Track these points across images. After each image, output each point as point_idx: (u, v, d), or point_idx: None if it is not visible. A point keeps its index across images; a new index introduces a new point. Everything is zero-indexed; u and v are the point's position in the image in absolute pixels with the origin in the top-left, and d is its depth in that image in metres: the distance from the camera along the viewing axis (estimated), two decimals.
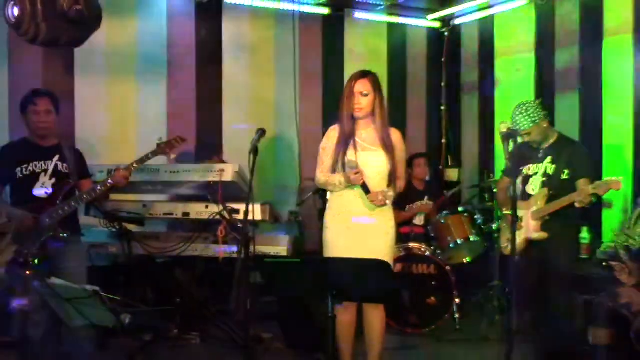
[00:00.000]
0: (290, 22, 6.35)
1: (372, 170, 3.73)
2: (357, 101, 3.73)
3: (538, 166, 4.15)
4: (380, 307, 3.79)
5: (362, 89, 3.72)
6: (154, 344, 4.70)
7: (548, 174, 4.08)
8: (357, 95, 3.72)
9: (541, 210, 4.02)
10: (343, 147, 3.76)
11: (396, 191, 3.82)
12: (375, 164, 3.75)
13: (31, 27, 3.77)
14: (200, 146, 5.90)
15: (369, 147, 3.78)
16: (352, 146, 3.74)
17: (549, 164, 4.09)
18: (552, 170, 4.07)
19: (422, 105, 7.23)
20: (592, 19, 5.59)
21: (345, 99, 3.77)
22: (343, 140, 3.76)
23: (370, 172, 3.72)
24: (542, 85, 6.09)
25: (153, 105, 5.88)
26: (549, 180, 4.07)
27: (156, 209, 4.67)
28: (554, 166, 4.07)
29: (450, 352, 4.89)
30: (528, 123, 4.02)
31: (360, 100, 3.73)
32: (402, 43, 7.09)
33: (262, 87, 6.38)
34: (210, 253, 4.60)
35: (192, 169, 4.59)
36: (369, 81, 3.73)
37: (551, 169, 4.08)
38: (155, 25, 5.88)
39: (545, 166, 4.10)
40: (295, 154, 6.47)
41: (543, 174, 4.10)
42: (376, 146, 3.78)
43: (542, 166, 4.11)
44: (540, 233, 4.01)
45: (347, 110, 3.77)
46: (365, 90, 3.72)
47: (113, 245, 4.74)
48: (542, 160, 4.13)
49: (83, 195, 3.95)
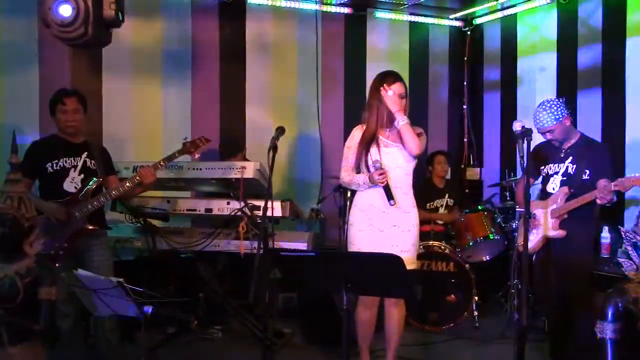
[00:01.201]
0: (313, 21, 6.43)
1: (395, 166, 3.79)
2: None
3: (559, 166, 4.14)
4: (400, 303, 3.85)
5: (402, 91, 3.80)
6: (176, 337, 4.82)
7: (569, 173, 4.08)
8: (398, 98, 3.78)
9: (561, 208, 4.02)
10: (366, 145, 3.80)
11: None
12: (397, 159, 3.79)
13: (80, 28, 3.87)
14: (224, 144, 5.99)
15: (390, 144, 3.82)
16: (376, 144, 3.78)
17: (569, 163, 4.09)
18: (572, 169, 4.07)
19: (444, 104, 7.26)
20: (615, 17, 5.57)
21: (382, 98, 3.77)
22: (367, 139, 3.80)
23: (392, 167, 3.78)
24: (564, 84, 6.08)
25: (177, 103, 6.00)
26: (569, 179, 4.06)
27: (180, 205, 4.77)
28: (574, 166, 4.06)
29: (468, 350, 4.92)
30: (552, 120, 4.00)
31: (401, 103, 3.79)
32: (424, 42, 7.12)
33: (285, 85, 6.47)
34: (231, 248, 4.68)
35: (214, 167, 4.67)
36: (402, 84, 3.81)
37: (572, 168, 4.07)
38: (180, 24, 6.00)
39: (566, 166, 4.10)
40: (317, 152, 6.54)
41: (563, 173, 4.10)
42: (398, 142, 3.82)
43: (563, 166, 4.11)
44: (559, 231, 4.02)
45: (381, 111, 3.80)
46: (403, 92, 3.80)
47: (138, 240, 4.84)
48: (563, 160, 4.12)
49: (112, 191, 4.06)
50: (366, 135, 3.83)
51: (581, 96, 5.84)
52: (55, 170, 4.04)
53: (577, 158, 4.07)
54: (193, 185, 5.10)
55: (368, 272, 2.52)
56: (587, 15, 5.86)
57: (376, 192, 3.80)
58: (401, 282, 2.49)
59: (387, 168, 3.74)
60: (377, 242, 3.75)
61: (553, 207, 4.06)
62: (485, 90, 7.13)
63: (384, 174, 3.67)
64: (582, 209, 3.95)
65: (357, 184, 3.84)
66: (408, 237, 3.82)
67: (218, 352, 4.80)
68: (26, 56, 5.35)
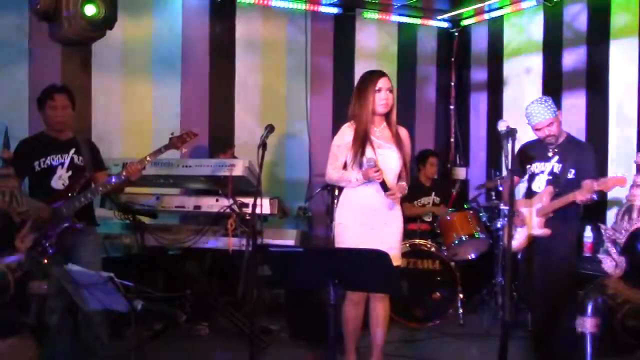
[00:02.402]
0: (302, 21, 6.48)
1: (388, 168, 3.80)
2: (385, 96, 3.79)
3: (545, 165, 4.19)
4: (385, 299, 3.90)
5: (388, 85, 3.82)
6: (164, 333, 4.85)
7: (554, 172, 4.13)
8: (385, 90, 3.79)
9: (546, 207, 4.07)
10: (360, 144, 3.78)
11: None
12: (390, 162, 3.82)
13: None
14: (213, 141, 6.03)
15: (384, 145, 3.84)
16: (370, 144, 3.78)
17: (555, 162, 4.14)
18: (558, 169, 4.12)
19: (431, 105, 7.33)
20: (599, 20, 5.67)
21: (368, 95, 3.78)
22: (360, 138, 3.79)
23: (385, 169, 3.76)
24: (549, 85, 6.17)
25: (167, 100, 6.01)
26: (555, 178, 4.11)
27: (168, 202, 4.80)
28: (560, 165, 4.11)
29: (453, 346, 4.98)
30: (551, 113, 4.04)
31: (388, 95, 3.80)
32: (412, 43, 7.19)
33: (274, 84, 6.51)
34: (220, 245, 4.72)
35: (203, 164, 4.71)
36: (389, 80, 3.84)
37: (557, 167, 4.12)
38: (171, 22, 6.02)
39: (552, 165, 4.15)
40: (306, 151, 6.59)
41: (549, 172, 4.15)
42: (390, 144, 3.85)
43: (549, 165, 4.16)
44: (544, 229, 4.07)
45: (370, 106, 3.79)
46: (390, 86, 3.83)
47: (127, 236, 4.87)
48: (549, 159, 4.17)
49: (99, 187, 4.08)
50: (359, 133, 3.81)
51: (566, 97, 5.94)
52: (43, 168, 4.05)
53: (563, 157, 4.11)
54: (182, 183, 5.13)
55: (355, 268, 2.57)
56: (572, 18, 5.96)
57: (365, 191, 3.82)
58: (388, 278, 2.55)
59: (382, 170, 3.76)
60: (367, 240, 3.72)
61: (538, 205, 4.10)
62: (472, 91, 7.22)
63: (379, 171, 3.68)
64: (567, 209, 4.01)
65: (348, 180, 3.83)
66: (396, 235, 3.88)
67: (205, 349, 4.84)
68: (16, 53, 5.35)
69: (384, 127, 3.90)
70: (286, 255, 2.61)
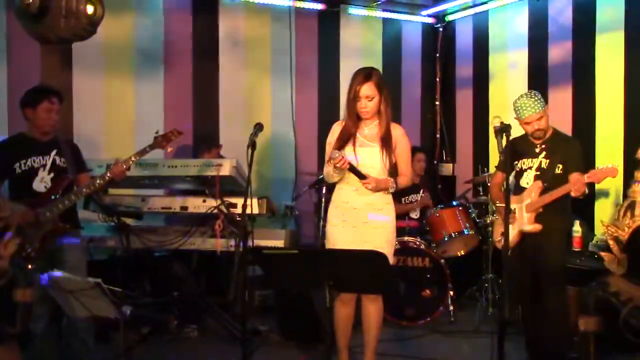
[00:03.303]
0: (286, 17, 6.41)
1: (369, 166, 3.77)
2: (364, 105, 3.76)
3: (533, 160, 4.15)
4: (378, 299, 3.85)
5: (368, 93, 3.74)
6: (152, 337, 4.76)
7: (542, 167, 4.09)
8: (363, 99, 3.75)
9: (535, 202, 4.04)
10: (342, 142, 3.79)
11: (399, 187, 3.85)
12: (370, 159, 3.78)
13: None
14: (197, 140, 5.93)
15: (367, 143, 3.82)
16: (352, 142, 3.78)
17: (543, 158, 4.10)
18: (545, 164, 4.09)
19: (416, 101, 7.30)
20: (585, 15, 5.66)
21: (351, 100, 3.78)
22: (344, 136, 3.79)
23: (366, 168, 3.75)
24: (535, 80, 6.16)
25: (150, 100, 5.91)
26: (543, 174, 4.09)
27: (154, 203, 4.71)
28: (547, 161, 4.08)
29: (445, 344, 4.95)
30: (541, 106, 3.99)
31: (367, 104, 3.76)
32: (397, 38, 7.15)
33: (258, 82, 6.43)
34: (208, 246, 4.65)
35: (190, 164, 4.62)
36: (374, 84, 3.74)
37: (545, 163, 4.09)
38: (152, 20, 5.92)
39: (539, 160, 4.11)
40: (291, 148, 6.53)
41: (537, 167, 4.11)
42: (374, 142, 3.82)
43: (537, 160, 4.12)
44: (534, 225, 4.03)
45: (352, 111, 3.79)
46: (371, 93, 3.74)
47: (111, 238, 4.77)
48: (537, 155, 4.13)
49: (82, 189, 3.98)
50: (343, 133, 3.84)
51: (552, 92, 5.92)
52: (24, 170, 3.95)
53: (550, 152, 4.08)
54: (167, 183, 5.03)
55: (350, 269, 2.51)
56: (557, 13, 5.95)
57: (348, 190, 3.82)
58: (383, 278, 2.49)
59: (362, 167, 3.73)
60: (351, 238, 3.75)
61: (527, 201, 4.08)
62: (458, 87, 7.19)
63: (342, 159, 3.62)
64: (556, 203, 3.98)
65: (330, 175, 3.84)
66: (381, 234, 3.81)
67: (194, 351, 4.75)
68: None
69: (375, 125, 3.87)
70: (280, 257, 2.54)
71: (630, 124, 5.29)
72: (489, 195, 4.51)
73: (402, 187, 3.95)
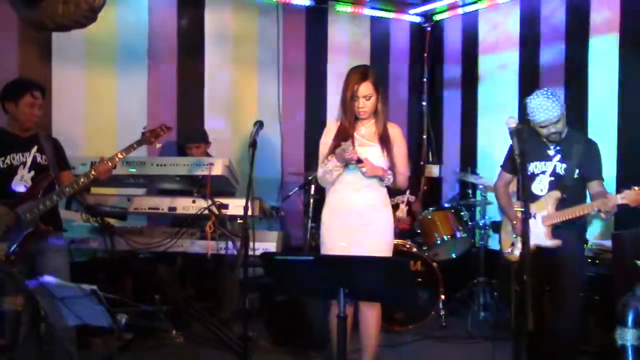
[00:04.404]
0: (274, 13, 6.25)
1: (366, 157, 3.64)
2: (362, 104, 3.65)
3: (546, 164, 3.84)
4: (376, 305, 3.73)
5: (366, 93, 3.63)
6: (136, 343, 4.55)
7: (557, 173, 3.80)
8: (362, 99, 3.64)
9: (554, 216, 3.71)
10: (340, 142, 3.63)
11: (396, 184, 3.75)
12: (371, 159, 3.66)
13: None
14: (182, 137, 5.72)
15: (367, 143, 3.72)
16: (351, 142, 3.64)
17: (558, 162, 3.81)
18: (562, 169, 3.78)
19: (403, 100, 7.19)
20: (577, 16, 5.61)
21: (347, 100, 3.66)
22: (343, 136, 3.66)
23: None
24: (526, 81, 6.09)
25: (133, 95, 5.69)
26: (559, 180, 3.77)
27: (141, 203, 4.50)
28: (564, 165, 3.78)
29: (437, 349, 4.86)
30: (559, 109, 3.67)
31: (365, 104, 3.65)
32: (385, 37, 7.03)
33: (245, 78, 6.25)
34: (196, 249, 4.47)
35: (179, 162, 4.43)
36: (371, 82, 3.64)
37: (561, 168, 3.79)
38: (136, 12, 5.70)
39: (554, 164, 3.81)
40: (278, 147, 6.36)
41: (552, 172, 3.82)
42: (373, 141, 3.73)
43: (551, 164, 3.82)
44: (554, 240, 3.70)
45: (350, 111, 3.67)
46: (369, 93, 3.64)
47: (94, 240, 4.56)
48: (551, 158, 3.83)
49: (65, 188, 3.78)
50: (340, 133, 3.71)
51: None
52: (3, 168, 3.74)
53: (566, 155, 3.78)
54: (155, 182, 4.82)
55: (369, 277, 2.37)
56: (549, 14, 5.89)
57: (346, 191, 3.70)
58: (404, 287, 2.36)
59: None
60: (348, 241, 3.65)
61: (544, 213, 3.75)
62: (446, 87, 7.10)
63: (354, 152, 3.53)
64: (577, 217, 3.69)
65: (329, 171, 3.69)
66: (381, 236, 3.71)
67: (180, 358, 4.56)
68: None
69: (372, 124, 3.77)
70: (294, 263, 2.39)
71: (623, 128, 5.23)
72: (496, 198, 4.19)
73: (400, 186, 3.85)
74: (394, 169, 3.74)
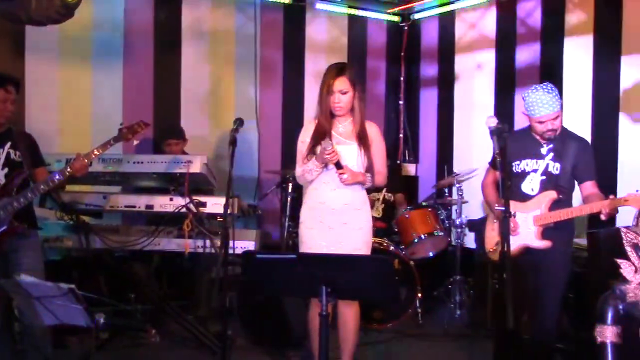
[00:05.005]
0: (252, 10, 6.22)
1: (346, 164, 3.64)
2: (338, 100, 3.63)
3: (538, 162, 3.64)
4: (355, 303, 3.73)
5: (342, 87, 3.61)
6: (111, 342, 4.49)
7: (550, 172, 3.61)
8: (337, 94, 3.62)
9: (547, 216, 3.54)
10: (317, 140, 3.65)
11: (374, 184, 3.75)
12: (347, 157, 3.66)
13: None
14: (158, 134, 5.66)
15: (343, 141, 3.70)
16: (329, 139, 3.62)
17: (551, 160, 3.62)
18: (556, 169, 3.61)
19: (380, 99, 7.22)
20: (553, 17, 5.68)
21: (323, 95, 3.65)
22: (320, 134, 3.65)
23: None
24: (502, 81, 6.16)
25: (108, 91, 5.63)
26: (552, 179, 3.60)
27: (117, 201, 4.43)
28: (557, 164, 3.60)
29: (415, 347, 4.88)
30: (558, 105, 3.51)
31: (340, 99, 3.63)
32: (362, 36, 7.05)
33: (222, 75, 6.22)
34: (173, 247, 4.42)
35: (157, 160, 4.37)
36: (347, 78, 3.62)
37: (554, 167, 3.61)
38: (112, 8, 5.63)
39: (546, 163, 3.62)
40: (254, 145, 6.33)
41: (543, 171, 3.63)
42: (351, 140, 3.71)
43: (543, 163, 3.63)
44: (544, 242, 3.56)
45: (326, 107, 3.66)
46: (345, 88, 3.62)
47: (69, 238, 4.48)
48: (543, 156, 3.63)
49: (40, 185, 3.71)
50: (317, 131, 3.70)
51: (519, 94, 5.91)
52: None
53: (559, 154, 3.60)
54: (131, 180, 4.75)
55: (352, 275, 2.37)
56: (526, 15, 5.95)
57: (325, 190, 3.68)
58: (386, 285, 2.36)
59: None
60: (327, 240, 3.65)
61: (535, 212, 3.58)
62: (422, 86, 7.14)
63: (334, 152, 3.51)
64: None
65: (309, 170, 3.67)
66: (359, 235, 3.70)
67: (156, 358, 4.51)
68: None
69: (349, 122, 3.75)
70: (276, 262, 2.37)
71: (597, 126, 5.32)
72: (483, 195, 3.97)
73: (378, 185, 3.86)
74: (372, 168, 3.73)
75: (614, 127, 5.20)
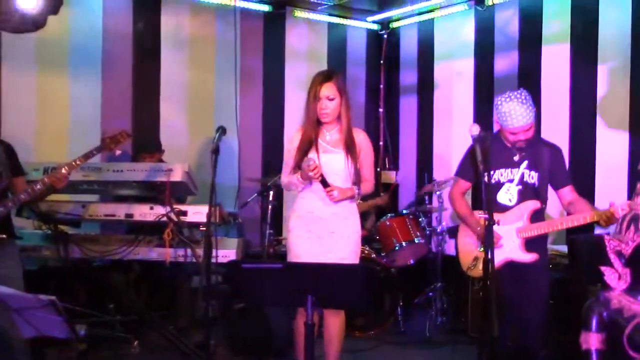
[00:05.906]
0: (232, 18, 6.16)
1: (332, 173, 3.63)
2: (324, 106, 3.60)
3: (512, 172, 3.55)
4: (341, 313, 3.71)
5: (329, 93, 3.59)
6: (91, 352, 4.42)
7: (526, 181, 3.53)
8: (324, 100, 3.59)
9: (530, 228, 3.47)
10: (305, 150, 3.63)
11: (361, 192, 3.73)
12: (335, 166, 3.64)
13: None
14: (136, 143, 5.60)
15: (330, 149, 3.67)
16: (315, 148, 3.63)
17: (526, 169, 3.53)
18: (533, 178, 3.53)
19: (360, 107, 7.21)
20: (531, 26, 5.75)
21: (310, 102, 3.62)
22: (306, 142, 3.63)
23: (330, 174, 3.61)
24: (481, 89, 6.21)
25: (86, 99, 5.56)
26: (529, 189, 3.52)
27: (96, 209, 4.38)
28: (533, 173, 3.53)
29: (397, 354, 4.88)
30: (532, 116, 3.38)
31: (327, 105, 3.60)
32: (342, 43, 7.07)
33: (202, 83, 6.20)
34: (154, 256, 4.37)
35: (137, 168, 4.33)
36: (334, 84, 3.60)
37: (530, 176, 3.53)
38: (90, 14, 5.58)
39: (521, 172, 3.53)
40: (235, 153, 6.29)
41: (519, 181, 3.54)
42: (338, 148, 3.68)
43: (518, 172, 3.54)
44: (531, 255, 3.47)
45: (312, 114, 3.63)
46: (332, 94, 3.59)
47: (47, 248, 4.41)
48: (517, 164, 3.55)
49: (20, 195, 3.64)
50: (304, 140, 3.67)
51: None
52: None
53: (534, 163, 3.53)
54: (111, 189, 4.69)
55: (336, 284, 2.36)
56: (504, 23, 6.02)
57: (313, 199, 3.67)
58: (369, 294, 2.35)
59: (326, 175, 3.57)
60: (316, 249, 3.62)
61: (518, 224, 3.50)
62: (402, 94, 7.17)
63: (316, 168, 3.50)
64: None
65: (295, 184, 3.67)
66: (347, 244, 3.68)
67: None
68: None
69: (336, 131, 3.72)
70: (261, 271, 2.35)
71: (575, 132, 5.39)
72: (453, 207, 3.81)
73: (365, 194, 3.83)
74: (359, 176, 3.70)
75: (592, 132, 5.28)
